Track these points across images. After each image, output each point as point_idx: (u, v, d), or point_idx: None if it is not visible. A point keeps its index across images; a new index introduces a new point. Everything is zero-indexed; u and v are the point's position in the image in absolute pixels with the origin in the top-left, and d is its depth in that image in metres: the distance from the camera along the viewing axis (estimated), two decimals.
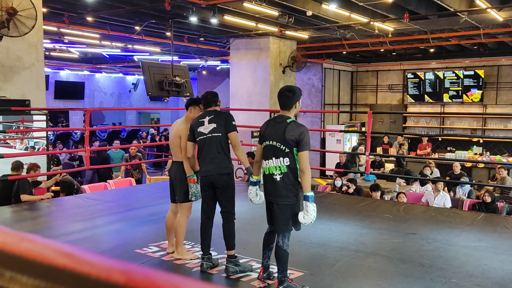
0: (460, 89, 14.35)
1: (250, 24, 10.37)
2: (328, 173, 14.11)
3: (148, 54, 15.11)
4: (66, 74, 21.01)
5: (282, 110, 3.46)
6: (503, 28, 10.40)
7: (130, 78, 23.90)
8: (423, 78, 14.94)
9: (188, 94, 9.53)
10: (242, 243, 4.20)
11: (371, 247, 4.47)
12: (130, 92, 24.12)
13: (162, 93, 9.20)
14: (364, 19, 9.51)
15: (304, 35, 11.86)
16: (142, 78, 12.82)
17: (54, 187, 7.16)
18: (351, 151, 13.56)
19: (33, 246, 0.46)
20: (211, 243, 3.88)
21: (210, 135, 3.75)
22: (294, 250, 4.10)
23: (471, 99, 14.22)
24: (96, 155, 10.82)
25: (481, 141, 13.81)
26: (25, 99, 6.99)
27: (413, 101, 15.36)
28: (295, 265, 3.81)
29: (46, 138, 8.12)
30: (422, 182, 8.48)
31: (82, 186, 8.09)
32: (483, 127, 14.26)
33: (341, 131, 13.23)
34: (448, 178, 9.18)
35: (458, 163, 9.69)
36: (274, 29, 10.69)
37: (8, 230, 0.50)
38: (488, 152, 13.62)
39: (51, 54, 14.93)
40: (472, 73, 14.13)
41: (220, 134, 3.74)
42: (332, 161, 12.93)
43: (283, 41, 12.01)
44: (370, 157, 8.20)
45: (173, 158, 4.19)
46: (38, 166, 6.63)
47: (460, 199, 7.75)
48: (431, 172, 9.49)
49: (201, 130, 3.79)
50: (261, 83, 11.76)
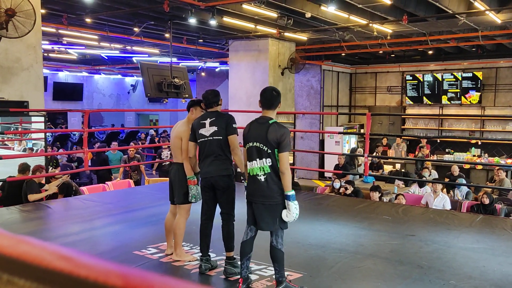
0: (458, 91, 14.37)
1: (249, 25, 10.37)
2: (327, 174, 14.13)
3: (147, 55, 15.10)
4: (64, 76, 21.00)
5: (265, 110, 3.48)
6: (502, 30, 10.42)
7: (129, 80, 23.91)
8: (422, 80, 14.96)
9: (187, 96, 9.53)
10: None
11: (370, 249, 4.47)
12: (128, 93, 24.12)
13: (161, 94, 9.20)
14: (363, 21, 9.52)
15: (303, 37, 11.87)
16: (141, 79, 12.84)
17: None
18: (350, 153, 13.57)
19: (30, 249, 0.46)
20: (210, 245, 3.88)
21: (211, 138, 3.76)
22: (292, 252, 4.11)
23: (470, 101, 14.25)
24: (95, 157, 10.81)
25: (479, 143, 13.82)
26: (23, 101, 6.99)
27: (411, 103, 15.38)
28: (294, 266, 3.82)
29: (44, 140, 8.12)
30: (421, 184, 8.49)
31: (80, 187, 8.08)
32: (482, 129, 14.28)
33: (339, 133, 13.26)
34: (447, 180, 9.19)
35: (456, 166, 9.72)
36: (273, 30, 10.70)
37: (5, 232, 0.50)
38: (486, 154, 13.64)
39: (50, 55, 14.91)
40: (470, 75, 14.15)
41: (221, 137, 3.74)
42: (331, 162, 12.93)
43: (282, 42, 12.02)
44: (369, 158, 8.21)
45: (173, 159, 4.20)
46: (43, 168, 6.66)
47: (458, 201, 7.76)
48: (429, 174, 9.51)
49: (202, 132, 3.79)
50: (260, 85, 11.76)
